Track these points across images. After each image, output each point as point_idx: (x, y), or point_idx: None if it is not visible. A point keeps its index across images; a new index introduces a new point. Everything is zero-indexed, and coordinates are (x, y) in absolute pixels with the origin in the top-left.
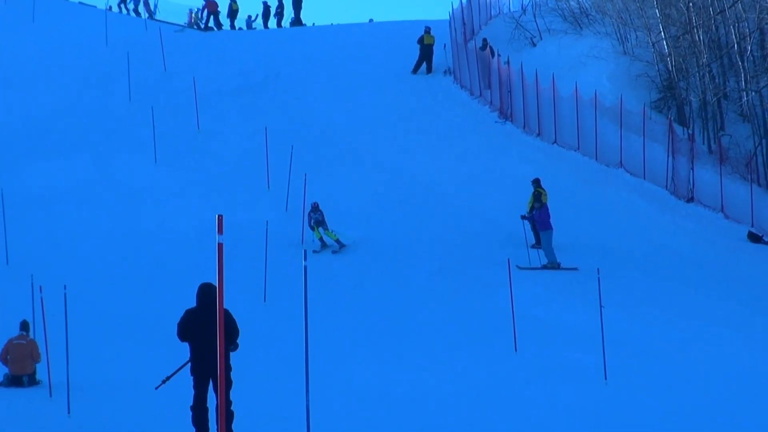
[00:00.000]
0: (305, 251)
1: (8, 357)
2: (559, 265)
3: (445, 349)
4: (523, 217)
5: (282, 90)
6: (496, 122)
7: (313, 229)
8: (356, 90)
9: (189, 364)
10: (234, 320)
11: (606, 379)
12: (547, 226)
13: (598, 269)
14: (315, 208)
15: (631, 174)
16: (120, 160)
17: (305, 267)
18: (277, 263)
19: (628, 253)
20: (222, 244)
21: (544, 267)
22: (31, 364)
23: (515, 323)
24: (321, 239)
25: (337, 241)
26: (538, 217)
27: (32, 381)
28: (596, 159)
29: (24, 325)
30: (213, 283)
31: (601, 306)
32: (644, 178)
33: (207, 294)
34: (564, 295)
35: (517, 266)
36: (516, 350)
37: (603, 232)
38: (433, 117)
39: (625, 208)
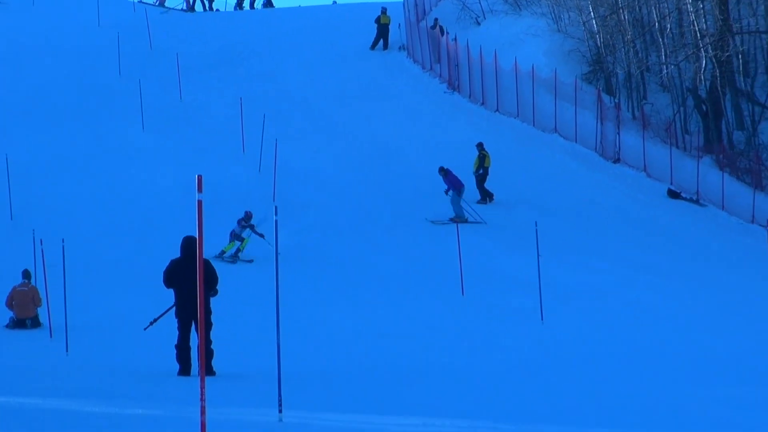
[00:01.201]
0: (276, 207)
1: (13, 302)
2: (466, 219)
3: (401, 293)
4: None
5: (256, 64)
6: (444, 92)
7: (233, 238)
8: (322, 64)
9: (173, 308)
10: (213, 269)
11: (542, 319)
12: (459, 186)
13: (536, 222)
14: (248, 217)
15: (564, 138)
16: (111, 128)
17: (276, 221)
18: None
19: (562, 208)
20: (201, 201)
21: (452, 220)
22: (33, 308)
23: (462, 270)
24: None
25: (238, 251)
26: (450, 179)
27: (35, 323)
28: (533, 125)
29: (26, 274)
30: (195, 236)
31: (538, 255)
32: (576, 142)
33: (189, 246)
34: (505, 246)
35: (430, 220)
36: (463, 293)
37: (540, 190)
38: (390, 88)
39: (559, 168)
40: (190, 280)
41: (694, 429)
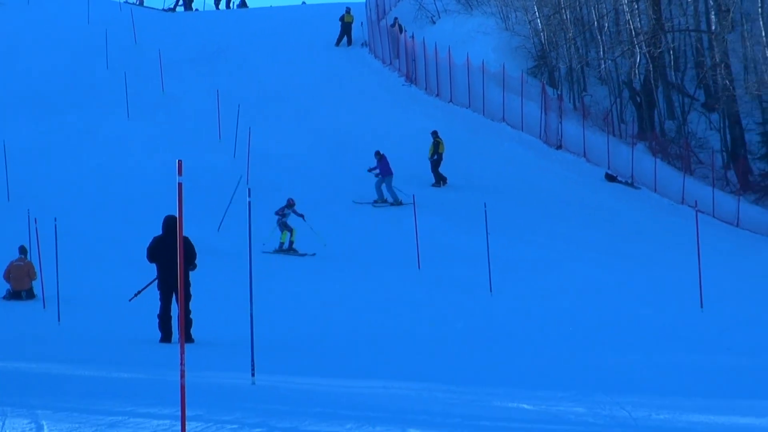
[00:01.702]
0: (249, 189)
1: (10, 275)
2: (385, 200)
3: (363, 268)
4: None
5: (232, 59)
6: (402, 85)
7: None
8: (291, 59)
9: (156, 281)
10: (192, 245)
11: (491, 291)
12: (387, 173)
13: (485, 203)
14: (290, 204)
15: (511, 127)
16: (99, 116)
17: (249, 203)
18: (227, 199)
19: (509, 190)
20: (181, 183)
21: (374, 202)
22: (28, 281)
23: (419, 246)
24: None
25: (292, 243)
26: (382, 165)
27: (29, 295)
28: (483, 114)
29: (22, 249)
30: (175, 215)
31: (487, 233)
32: (522, 130)
33: (170, 224)
34: (458, 225)
35: (353, 201)
36: (419, 267)
37: (489, 174)
38: (353, 80)
39: (506, 154)
40: (170, 255)
41: (624, 389)
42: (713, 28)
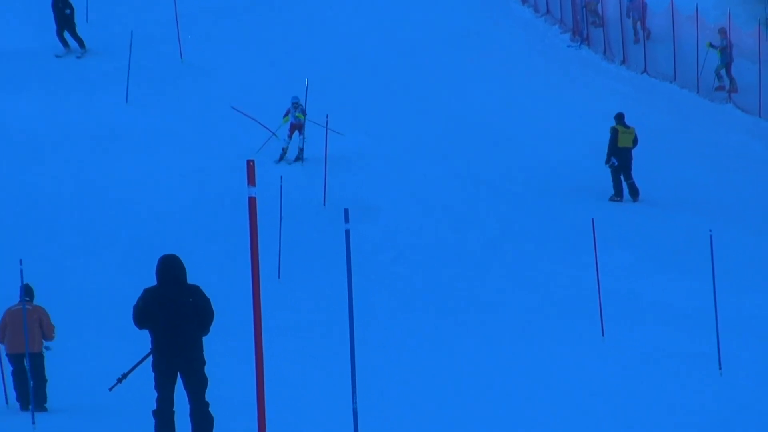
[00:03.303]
0: (347, 210)
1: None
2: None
3: (509, 333)
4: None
5: (293, 5)
6: (568, 46)
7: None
8: (391, 4)
9: (150, 356)
10: (208, 299)
11: (720, 369)
12: None
13: (710, 231)
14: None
15: (743, 111)
16: (79, 99)
17: (347, 231)
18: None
19: (744, 210)
20: (254, 199)
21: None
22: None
23: (601, 301)
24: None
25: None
26: None
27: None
28: (698, 92)
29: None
30: (175, 254)
31: (713, 277)
32: (760, 116)
33: (171, 267)
34: (660, 264)
35: None
36: (603, 335)
37: (710, 184)
38: (490, 41)
39: (737, 152)
40: (172, 314)
41: None
42: None
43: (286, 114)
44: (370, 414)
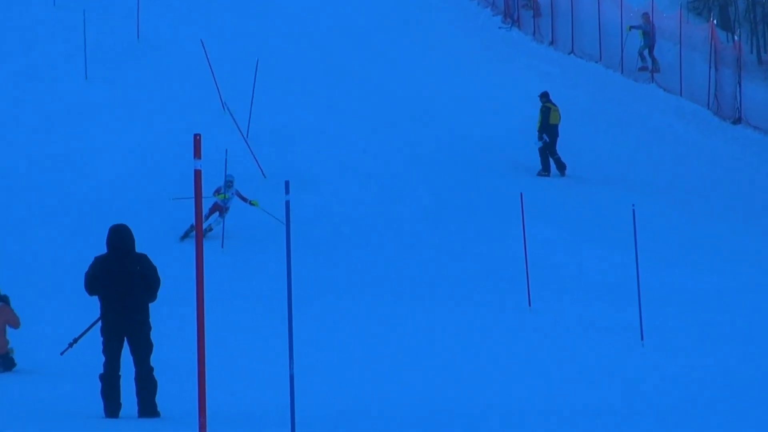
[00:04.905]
0: (287, 182)
1: None
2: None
3: (438, 303)
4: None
5: None
6: (500, 28)
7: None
8: None
9: (99, 322)
10: (155, 267)
11: (642, 340)
12: None
13: (633, 205)
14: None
15: (665, 90)
16: (40, 76)
17: (287, 202)
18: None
19: (664, 186)
20: (200, 171)
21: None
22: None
23: (528, 272)
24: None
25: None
26: None
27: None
28: (622, 72)
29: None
30: (125, 224)
31: (636, 251)
32: (681, 95)
33: (120, 236)
34: (585, 237)
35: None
36: (530, 305)
37: (632, 161)
38: (423, 23)
39: (658, 130)
40: (119, 283)
41: None
42: None
43: (217, 191)
44: (307, 380)
